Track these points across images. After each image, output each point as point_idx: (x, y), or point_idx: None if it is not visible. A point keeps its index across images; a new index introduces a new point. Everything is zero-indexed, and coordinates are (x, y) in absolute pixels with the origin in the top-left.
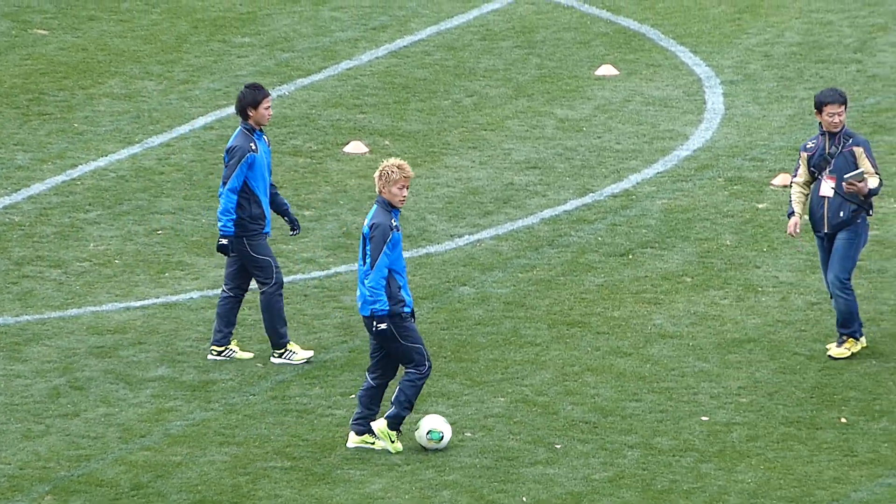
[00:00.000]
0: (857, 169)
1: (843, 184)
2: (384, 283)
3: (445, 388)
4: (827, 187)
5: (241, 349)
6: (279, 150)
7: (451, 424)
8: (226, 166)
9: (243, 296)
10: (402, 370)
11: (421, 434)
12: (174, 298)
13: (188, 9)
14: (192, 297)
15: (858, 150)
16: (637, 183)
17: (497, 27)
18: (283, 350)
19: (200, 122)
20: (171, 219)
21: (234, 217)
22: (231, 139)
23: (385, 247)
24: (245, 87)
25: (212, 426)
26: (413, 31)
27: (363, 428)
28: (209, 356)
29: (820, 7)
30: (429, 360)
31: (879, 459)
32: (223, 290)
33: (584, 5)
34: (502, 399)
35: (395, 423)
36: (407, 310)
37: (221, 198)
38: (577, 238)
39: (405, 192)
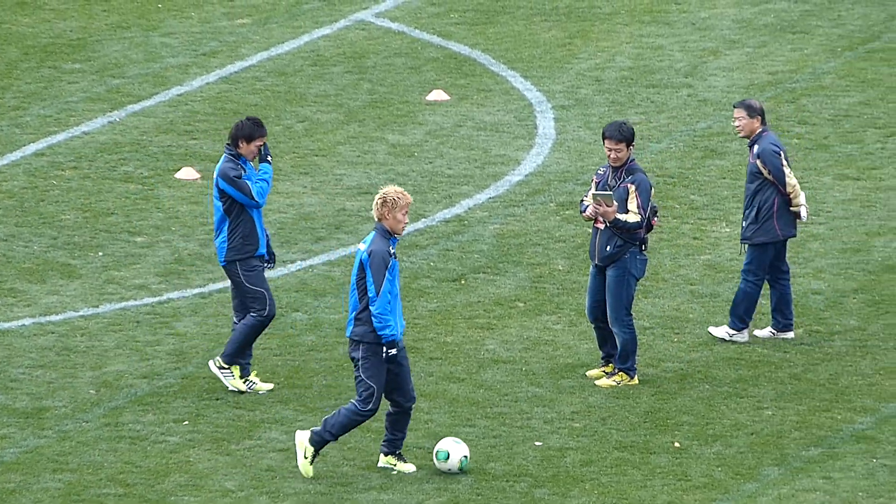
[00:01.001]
0: (625, 203)
1: (592, 201)
2: (390, 307)
3: (279, 413)
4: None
5: (260, 380)
6: (110, 177)
7: (283, 451)
8: (222, 193)
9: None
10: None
11: (434, 460)
12: (6, 325)
13: (18, 35)
14: (24, 324)
15: (631, 188)
16: (469, 208)
17: (328, 52)
18: (228, 369)
19: (31, 148)
20: (3, 245)
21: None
22: (219, 165)
23: (387, 272)
24: (247, 118)
25: (45, 453)
26: (244, 57)
27: (388, 449)
28: (230, 388)
29: (651, 32)
30: (376, 406)
31: (713, 483)
32: (234, 322)
33: (414, 31)
34: None
35: (314, 441)
36: (399, 338)
37: (261, 204)
38: (409, 263)
39: (406, 219)
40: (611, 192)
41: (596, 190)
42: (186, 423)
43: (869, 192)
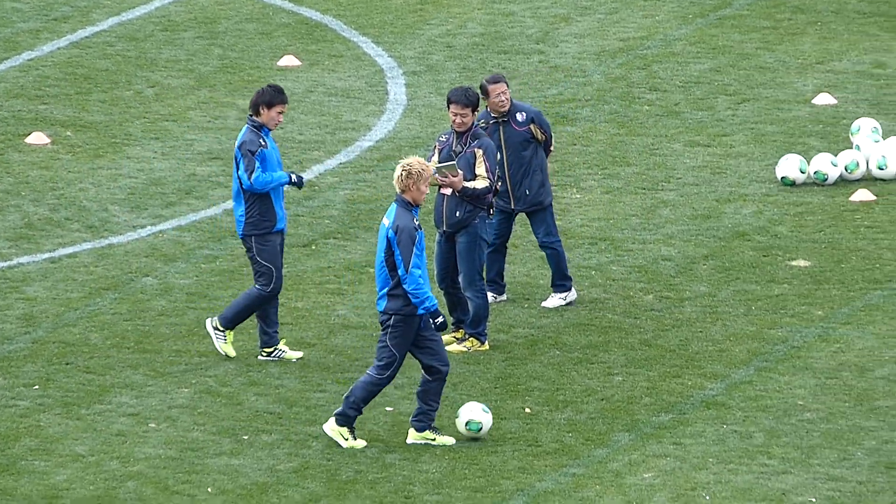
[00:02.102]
0: (474, 170)
1: (437, 174)
2: (423, 281)
3: (129, 378)
4: None
5: (290, 348)
6: None
7: (133, 416)
8: (238, 163)
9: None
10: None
11: (460, 423)
12: None
13: None
14: None
15: (479, 152)
16: (320, 174)
17: (179, 18)
18: (222, 332)
19: None
20: None
21: (272, 181)
22: (240, 136)
23: (415, 248)
24: (268, 86)
25: None
26: (95, 22)
27: (422, 424)
28: (259, 357)
29: None
30: (394, 374)
31: (563, 449)
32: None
33: None
34: (186, 390)
35: (342, 421)
36: (420, 311)
37: (253, 188)
38: None
39: (428, 189)
40: (454, 163)
41: (439, 158)
42: (37, 387)
43: (719, 159)
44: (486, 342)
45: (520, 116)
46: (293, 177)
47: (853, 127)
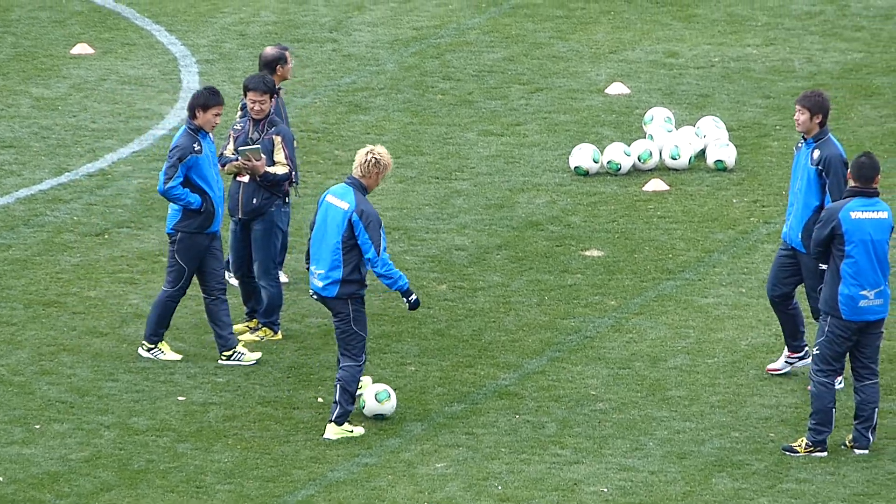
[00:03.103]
0: (273, 157)
1: (240, 157)
2: (391, 262)
3: None
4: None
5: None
6: None
7: None
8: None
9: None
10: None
11: (370, 406)
12: None
13: None
14: None
15: (277, 139)
16: (113, 162)
17: None
18: (153, 347)
19: None
20: None
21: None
22: (175, 137)
23: (382, 231)
24: (204, 88)
25: None
26: None
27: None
28: (220, 361)
29: None
30: (365, 354)
31: (355, 439)
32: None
33: None
34: None
35: (342, 420)
36: (364, 291)
37: (165, 194)
38: (52, 218)
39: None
40: (258, 146)
41: (235, 146)
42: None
43: (513, 148)
44: (280, 332)
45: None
46: (203, 206)
47: (646, 116)
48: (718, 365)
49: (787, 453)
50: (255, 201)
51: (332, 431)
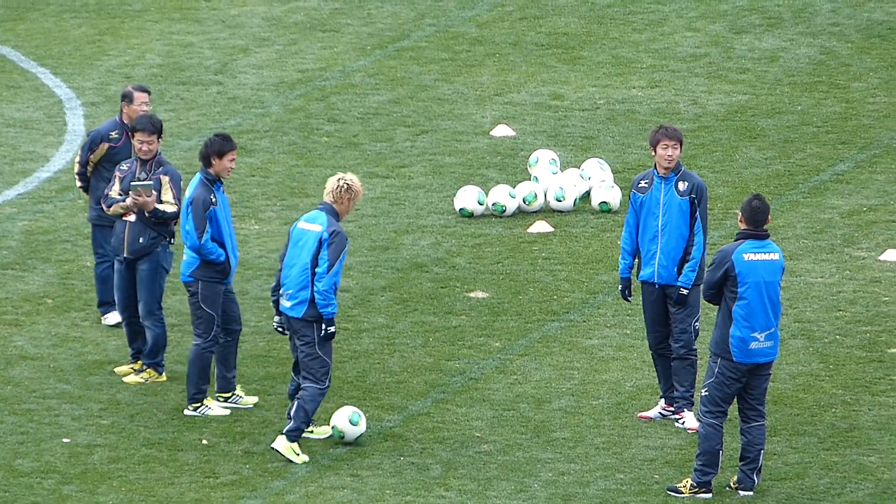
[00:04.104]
0: (161, 196)
1: (130, 192)
2: (336, 288)
3: None
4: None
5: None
6: None
7: None
8: (187, 218)
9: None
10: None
11: (350, 432)
12: None
13: None
14: None
15: (165, 179)
16: None
17: None
18: (199, 405)
19: None
20: None
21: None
22: (192, 189)
23: (342, 255)
24: (214, 135)
25: None
26: None
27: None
28: (216, 400)
29: (181, 29)
30: (329, 379)
31: (241, 481)
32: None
33: None
34: None
35: (294, 437)
36: (321, 312)
37: (202, 251)
38: None
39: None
40: (150, 183)
41: (121, 188)
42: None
43: (398, 190)
44: (164, 373)
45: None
46: (226, 260)
47: (531, 158)
48: (603, 406)
49: (672, 494)
50: (141, 240)
51: (281, 444)
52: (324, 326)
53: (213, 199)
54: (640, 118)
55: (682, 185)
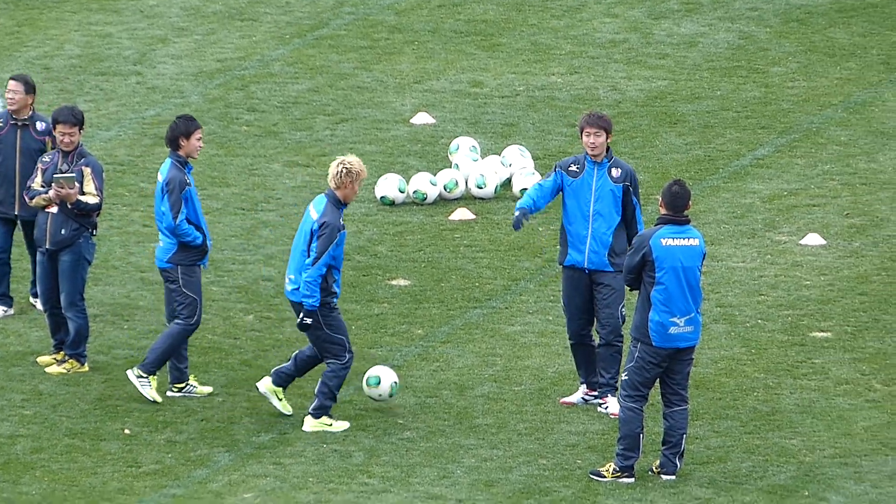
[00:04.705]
0: (83, 188)
1: (53, 184)
2: (321, 279)
3: None
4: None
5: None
6: None
7: None
8: (163, 199)
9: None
10: None
11: (365, 387)
12: None
13: None
14: None
15: (87, 171)
16: None
17: None
18: (183, 385)
19: None
20: None
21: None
22: (165, 172)
23: (331, 246)
24: (177, 117)
25: None
26: None
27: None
28: (169, 392)
29: (99, 20)
30: (350, 351)
31: (163, 470)
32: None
33: None
34: None
35: (320, 413)
36: (335, 300)
37: (177, 231)
38: None
39: (357, 191)
40: (73, 175)
41: (43, 180)
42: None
43: (319, 179)
44: (86, 363)
45: (40, 125)
46: (203, 242)
47: (452, 146)
48: (525, 392)
49: (595, 479)
50: (63, 232)
51: (309, 424)
52: (301, 315)
53: (187, 180)
54: (559, 105)
55: (615, 172)
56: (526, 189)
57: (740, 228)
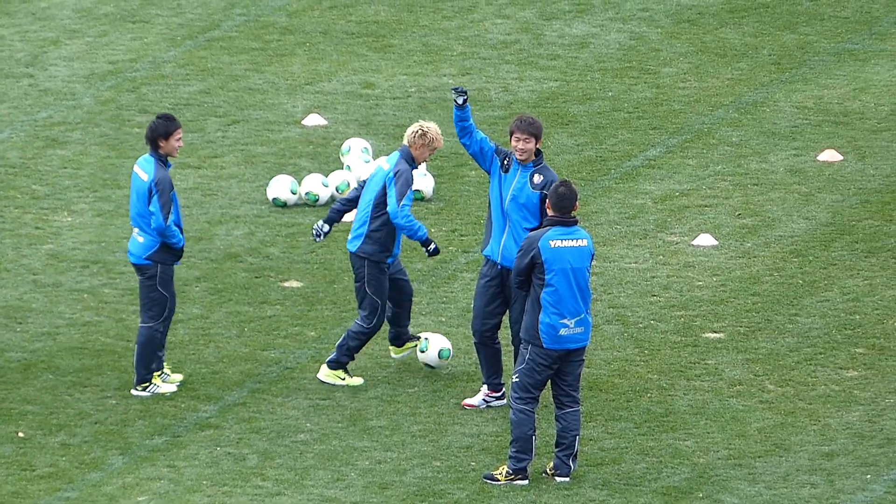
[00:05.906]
0: None
1: None
2: (412, 216)
3: None
4: None
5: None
6: None
7: None
8: (151, 200)
9: None
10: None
11: (432, 356)
12: None
13: None
14: None
15: None
16: None
17: None
18: (147, 384)
19: None
20: None
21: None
22: (151, 172)
23: (409, 189)
24: (157, 117)
25: None
26: None
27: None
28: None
29: None
30: (379, 319)
31: (58, 473)
32: None
33: None
34: None
35: (336, 366)
36: (390, 260)
37: (166, 233)
38: None
39: (428, 157)
40: None
41: None
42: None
43: (210, 181)
44: None
45: None
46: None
47: (343, 147)
48: (419, 394)
49: (488, 482)
50: None
51: (323, 373)
52: (425, 250)
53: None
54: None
55: (537, 178)
56: (419, 190)
57: (632, 229)
